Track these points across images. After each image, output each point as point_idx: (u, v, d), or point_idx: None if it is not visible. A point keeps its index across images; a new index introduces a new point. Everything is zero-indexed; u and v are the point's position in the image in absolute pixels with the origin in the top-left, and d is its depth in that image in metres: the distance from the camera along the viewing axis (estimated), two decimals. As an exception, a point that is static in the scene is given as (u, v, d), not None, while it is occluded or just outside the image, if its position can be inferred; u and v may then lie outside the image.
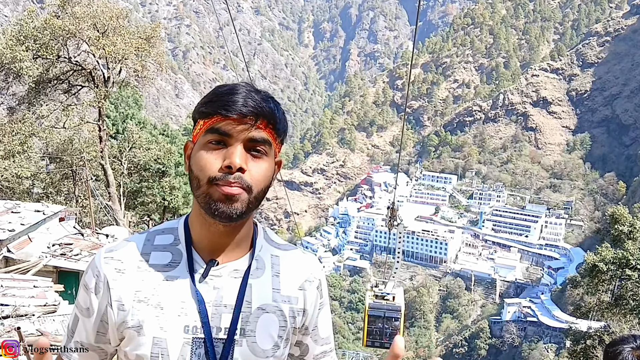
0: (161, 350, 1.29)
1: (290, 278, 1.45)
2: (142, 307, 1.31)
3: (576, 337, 20.55)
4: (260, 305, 1.37)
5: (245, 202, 1.25)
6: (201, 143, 1.27)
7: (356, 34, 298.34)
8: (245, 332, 1.34)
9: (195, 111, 1.31)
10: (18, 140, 20.65)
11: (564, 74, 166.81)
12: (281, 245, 1.51)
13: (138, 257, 1.36)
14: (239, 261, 1.39)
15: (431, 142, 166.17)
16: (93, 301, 1.35)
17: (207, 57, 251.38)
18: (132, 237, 1.43)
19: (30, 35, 19.36)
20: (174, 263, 1.36)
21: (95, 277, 1.35)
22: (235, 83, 1.31)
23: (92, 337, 1.38)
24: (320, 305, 1.51)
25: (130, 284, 1.33)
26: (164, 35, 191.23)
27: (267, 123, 1.27)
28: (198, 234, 1.37)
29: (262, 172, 1.27)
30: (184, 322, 1.31)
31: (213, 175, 1.23)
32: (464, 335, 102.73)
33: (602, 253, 19.07)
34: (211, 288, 1.34)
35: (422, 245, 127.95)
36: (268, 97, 1.31)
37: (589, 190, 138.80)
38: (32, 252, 14.92)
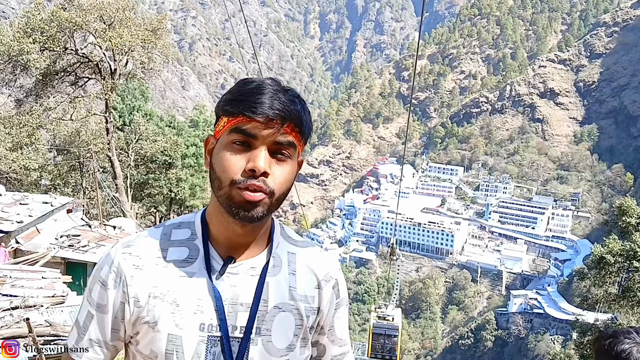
0: (176, 348, 1.28)
1: (306, 276, 1.43)
2: (158, 303, 1.30)
3: (583, 329, 20.54)
4: (277, 304, 1.36)
5: (267, 206, 1.23)
6: (224, 142, 1.24)
7: (362, 25, 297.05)
8: (261, 331, 1.33)
9: (219, 107, 1.28)
10: (26, 132, 20.74)
11: (572, 65, 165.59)
12: (298, 242, 1.48)
13: (156, 253, 1.34)
14: (256, 258, 1.37)
15: (437, 133, 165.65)
16: (110, 297, 1.33)
17: (214, 48, 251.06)
18: (148, 231, 1.41)
19: (37, 28, 19.40)
20: (191, 259, 1.34)
21: (114, 273, 1.33)
22: (261, 79, 1.27)
23: (108, 334, 1.36)
24: (337, 305, 1.49)
25: (147, 280, 1.32)
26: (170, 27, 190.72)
27: (293, 126, 1.25)
28: (216, 230, 1.35)
29: (286, 176, 1.25)
30: (200, 319, 1.29)
31: (235, 178, 1.21)
32: (470, 326, 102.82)
33: (609, 245, 19.01)
34: (228, 286, 1.33)
35: (428, 237, 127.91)
36: (294, 97, 1.28)
37: (596, 181, 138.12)
38: (40, 244, 15.03)
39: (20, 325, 9.25)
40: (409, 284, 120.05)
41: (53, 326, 9.43)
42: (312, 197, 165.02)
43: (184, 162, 28.76)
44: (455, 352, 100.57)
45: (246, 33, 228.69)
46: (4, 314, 9.76)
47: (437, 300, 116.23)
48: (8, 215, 15.00)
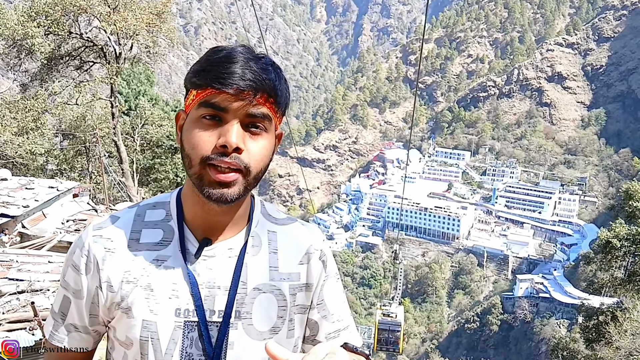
0: (151, 334, 1.23)
1: (289, 254, 1.36)
2: (132, 288, 1.25)
3: (588, 313, 20.56)
4: (257, 286, 1.30)
5: (243, 185, 1.17)
6: (193, 117, 1.17)
7: (369, 8, 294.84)
8: (241, 314, 1.27)
9: (187, 80, 1.20)
10: (31, 116, 20.75)
11: (580, 49, 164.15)
12: (279, 220, 1.41)
13: (128, 235, 1.28)
14: (234, 239, 1.31)
15: (444, 118, 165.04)
16: (83, 282, 1.27)
17: (219, 33, 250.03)
18: (121, 212, 1.34)
19: (41, 11, 19.31)
20: (165, 241, 1.28)
21: (85, 257, 1.27)
22: (231, 47, 1.19)
23: (87, 319, 1.31)
24: (326, 277, 1.41)
25: (119, 264, 1.26)
26: (175, 10, 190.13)
27: (267, 97, 1.16)
28: (191, 211, 1.29)
29: (261, 151, 1.18)
30: (176, 304, 1.24)
31: (206, 155, 1.14)
32: (476, 311, 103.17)
33: (615, 229, 18.97)
34: (204, 269, 1.27)
35: (434, 222, 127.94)
36: (268, 64, 1.19)
37: (603, 166, 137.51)
38: (46, 228, 15.10)
39: (27, 309, 9.33)
40: (415, 268, 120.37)
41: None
42: (319, 182, 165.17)
43: (190, 146, 28.70)
44: (461, 336, 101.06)
45: (252, 17, 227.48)
46: (10, 298, 9.83)
47: (443, 285, 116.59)
48: (14, 200, 15.07)
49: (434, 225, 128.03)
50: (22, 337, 8.81)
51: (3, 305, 9.52)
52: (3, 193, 15.61)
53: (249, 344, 1.28)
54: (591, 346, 19.49)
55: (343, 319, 1.44)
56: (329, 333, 1.42)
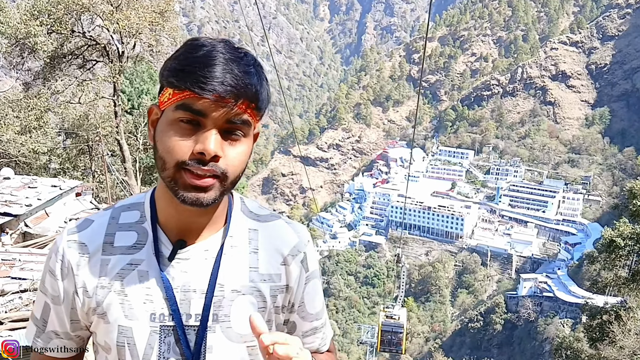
0: (127, 340, 1.21)
1: (270, 254, 1.32)
2: (106, 294, 1.23)
3: (592, 312, 20.50)
4: (235, 288, 1.26)
5: (219, 190, 1.13)
6: (170, 118, 1.12)
7: (372, 6, 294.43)
8: (219, 317, 1.24)
9: (164, 77, 1.15)
10: (34, 115, 20.77)
11: (584, 47, 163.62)
12: (261, 217, 1.36)
13: (102, 239, 1.26)
14: (210, 240, 1.27)
15: (448, 116, 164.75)
16: (60, 288, 1.26)
17: (222, 31, 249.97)
18: (96, 214, 1.32)
19: (44, 10, 19.33)
20: (140, 244, 1.25)
21: (60, 262, 1.25)
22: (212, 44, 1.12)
23: (68, 325, 1.30)
24: (306, 279, 1.37)
25: (94, 268, 1.24)
26: (178, 9, 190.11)
27: (248, 104, 1.12)
28: (165, 212, 1.25)
29: (240, 157, 1.14)
30: (150, 309, 1.22)
31: (182, 160, 1.10)
32: (480, 310, 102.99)
33: (619, 228, 18.89)
34: (179, 272, 1.23)
35: (438, 221, 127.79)
36: (250, 65, 1.13)
37: (607, 165, 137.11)
38: (49, 227, 15.10)
39: (29, 308, 9.33)
40: (419, 267, 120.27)
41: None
42: (322, 181, 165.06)
43: (193, 145, 28.68)
44: (464, 335, 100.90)
45: (255, 15, 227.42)
46: (13, 297, 9.84)
47: (446, 284, 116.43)
48: (17, 199, 15.07)
49: (438, 224, 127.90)
50: (24, 336, 8.82)
51: (5, 304, 9.52)
52: (6, 192, 15.61)
53: (229, 347, 1.26)
54: (595, 345, 19.43)
55: (320, 317, 1.44)
56: (305, 331, 1.42)
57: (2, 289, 9.85)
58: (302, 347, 1.05)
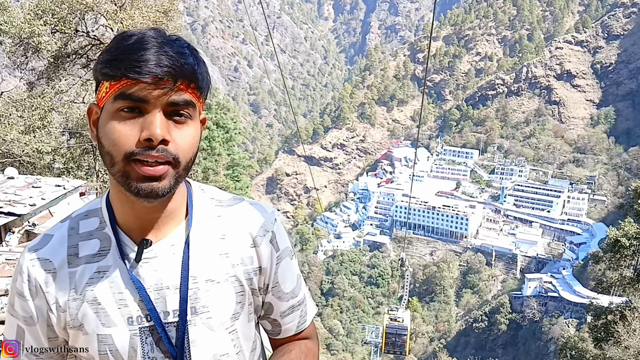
0: (109, 347, 1.20)
1: (238, 237, 1.30)
2: (79, 305, 1.21)
3: (597, 312, 20.42)
4: (209, 277, 1.25)
5: (173, 177, 1.11)
6: (110, 111, 1.08)
7: (377, 6, 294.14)
8: (197, 309, 1.23)
9: (97, 71, 1.12)
10: (38, 115, 20.81)
11: (589, 47, 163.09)
12: (224, 202, 1.34)
13: (65, 252, 1.23)
14: (175, 234, 1.25)
15: (452, 116, 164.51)
16: (32, 308, 1.23)
17: (226, 31, 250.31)
18: (54, 228, 1.28)
19: (48, 9, 19.37)
20: (104, 251, 1.23)
21: (27, 282, 1.22)
22: (142, 32, 1.11)
23: (46, 343, 1.28)
24: (278, 259, 1.35)
25: (63, 282, 1.22)
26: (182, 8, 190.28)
27: (188, 83, 1.10)
28: (121, 213, 1.22)
29: (189, 140, 1.12)
30: (126, 313, 1.21)
31: (130, 151, 1.06)
32: (484, 310, 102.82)
33: (624, 228, 18.80)
34: (150, 271, 1.22)
35: (442, 221, 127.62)
36: (184, 47, 1.12)
37: (612, 164, 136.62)
38: (53, 226, 15.12)
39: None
40: (423, 267, 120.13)
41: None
42: (326, 180, 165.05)
43: (197, 145, 28.72)
44: (469, 335, 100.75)
45: (259, 15, 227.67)
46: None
47: (451, 284, 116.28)
48: (21, 198, 15.09)
49: (442, 224, 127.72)
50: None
51: (9, 303, 9.53)
52: (10, 191, 15.64)
53: (212, 336, 1.25)
54: (600, 345, 19.37)
55: (297, 295, 1.42)
56: (283, 311, 1.41)
57: (5, 289, 9.87)
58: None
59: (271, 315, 1.41)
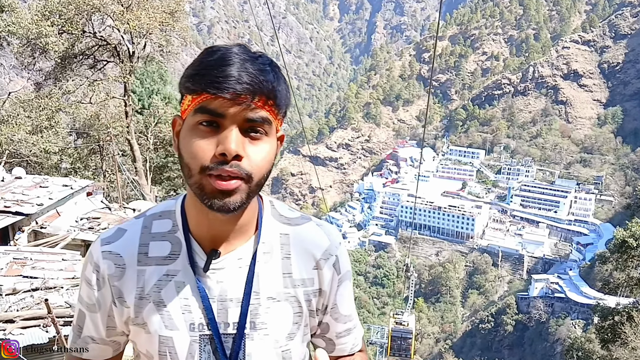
0: (169, 349, 1.24)
1: (302, 258, 1.32)
2: (144, 304, 1.25)
3: (604, 313, 20.35)
4: (271, 295, 1.27)
5: (245, 193, 1.12)
6: (190, 124, 1.12)
7: (382, 6, 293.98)
8: (256, 325, 1.26)
9: (181, 85, 1.15)
10: (45, 115, 20.91)
11: (596, 46, 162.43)
12: (292, 220, 1.36)
13: (136, 249, 1.27)
14: (243, 248, 1.27)
15: (458, 116, 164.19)
16: (97, 297, 1.28)
17: (232, 31, 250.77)
18: (128, 223, 1.32)
19: (55, 10, 19.45)
20: (174, 255, 1.26)
21: (96, 273, 1.27)
22: (226, 48, 1.13)
23: (103, 332, 1.33)
24: (339, 282, 1.37)
25: (131, 279, 1.26)
26: (188, 9, 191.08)
27: (265, 100, 1.11)
28: (195, 221, 1.25)
29: (263, 156, 1.13)
30: (189, 319, 1.24)
31: (205, 165, 1.09)
32: (491, 311, 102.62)
33: (632, 229, 18.73)
34: (215, 282, 1.25)
35: (448, 221, 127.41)
36: (266, 64, 1.14)
37: (619, 165, 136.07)
38: (60, 226, 15.19)
39: (41, 306, 9.38)
40: (429, 267, 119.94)
41: (73, 307, 9.55)
42: (331, 180, 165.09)
43: (203, 145, 28.76)
44: (475, 336, 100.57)
45: (264, 15, 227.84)
46: (24, 296, 9.90)
47: (457, 285, 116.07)
48: (29, 198, 15.18)
49: (448, 224, 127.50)
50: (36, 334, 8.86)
51: (17, 302, 9.58)
52: (18, 191, 15.74)
53: (266, 353, 1.28)
54: (607, 346, 19.31)
55: (352, 319, 1.46)
56: (339, 332, 1.44)
57: (13, 288, 9.92)
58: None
59: (327, 335, 1.44)
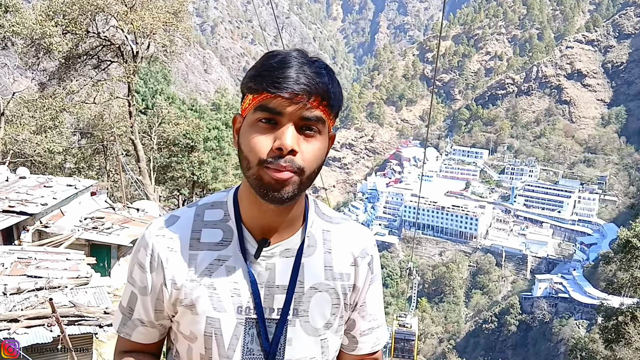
0: (214, 330, 1.30)
1: (342, 254, 1.41)
2: (195, 287, 1.31)
3: (608, 313, 20.31)
4: (313, 285, 1.36)
5: (297, 185, 1.20)
6: (250, 121, 1.21)
7: (386, 5, 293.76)
8: (299, 312, 1.34)
9: (244, 85, 1.25)
10: (49, 115, 20.98)
11: (600, 46, 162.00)
12: (333, 219, 1.46)
13: (189, 235, 1.34)
14: (291, 240, 1.35)
15: (462, 115, 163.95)
16: (149, 280, 1.34)
17: (236, 31, 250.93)
18: (181, 210, 1.41)
19: (59, 11, 19.49)
20: (225, 241, 1.34)
21: (149, 256, 1.34)
22: (286, 52, 1.22)
23: (152, 314, 1.38)
24: (371, 281, 1.47)
25: (183, 262, 1.32)
26: (191, 9, 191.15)
27: (320, 100, 1.20)
28: (248, 211, 1.33)
29: (315, 153, 1.21)
30: (237, 302, 1.31)
31: (263, 158, 1.17)
32: (494, 311, 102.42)
33: (636, 228, 18.70)
34: (263, 269, 1.33)
35: (451, 221, 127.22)
36: (321, 67, 1.24)
37: (623, 164, 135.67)
38: (64, 226, 15.24)
39: (45, 305, 9.41)
40: (432, 267, 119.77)
41: (77, 307, 9.57)
42: (335, 180, 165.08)
43: (206, 145, 28.87)
44: (478, 336, 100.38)
45: (268, 15, 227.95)
46: (29, 295, 9.94)
47: (460, 285, 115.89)
48: (33, 198, 15.23)
49: (452, 224, 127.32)
50: (40, 333, 8.89)
51: (22, 301, 9.61)
52: (22, 191, 15.79)
53: (306, 339, 1.35)
54: (610, 347, 19.27)
55: (377, 318, 1.53)
56: (363, 330, 1.50)
57: (18, 287, 9.96)
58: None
59: (352, 332, 1.51)
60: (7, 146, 20.64)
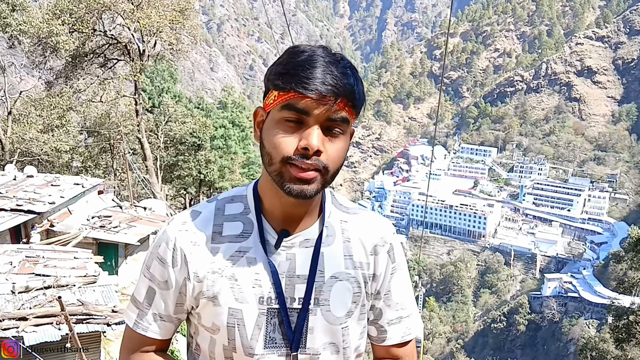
0: (237, 321, 1.33)
1: (361, 243, 1.44)
2: (217, 279, 1.33)
3: (619, 312, 20.15)
4: (333, 274, 1.38)
5: (321, 183, 1.24)
6: (275, 118, 1.23)
7: (393, 2, 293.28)
8: (320, 301, 1.36)
9: (269, 80, 1.25)
10: (56, 114, 21.01)
11: (610, 42, 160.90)
12: (350, 209, 1.48)
13: (211, 229, 1.37)
14: (309, 230, 1.38)
15: (470, 113, 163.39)
16: (171, 274, 1.35)
17: (242, 29, 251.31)
18: (201, 206, 1.43)
19: (65, 9, 19.52)
20: (246, 233, 1.36)
21: (172, 250, 1.35)
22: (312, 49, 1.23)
23: (172, 308, 1.40)
24: (393, 269, 1.48)
25: (205, 256, 1.34)
26: (198, 7, 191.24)
27: (346, 102, 1.21)
28: (269, 204, 1.36)
29: (339, 152, 1.24)
30: (259, 293, 1.33)
31: (288, 155, 1.20)
32: (503, 310, 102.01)
33: (647, 227, 18.49)
34: (284, 259, 1.35)
35: (460, 220, 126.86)
36: (347, 67, 1.24)
37: (634, 162, 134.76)
38: (72, 225, 15.25)
39: (53, 304, 9.38)
40: (440, 267, 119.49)
41: (85, 305, 9.56)
42: (342, 179, 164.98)
43: (213, 143, 28.86)
44: (487, 336, 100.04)
45: (274, 13, 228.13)
46: (37, 293, 9.92)
47: (468, 284, 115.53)
48: (40, 197, 15.23)
49: (460, 223, 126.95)
50: (49, 332, 8.86)
51: (30, 300, 9.59)
52: (29, 190, 15.80)
53: (327, 328, 1.37)
54: (621, 346, 19.12)
55: (406, 308, 1.53)
56: (391, 320, 1.51)
57: (26, 286, 9.94)
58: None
59: (379, 321, 1.51)
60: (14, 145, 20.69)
